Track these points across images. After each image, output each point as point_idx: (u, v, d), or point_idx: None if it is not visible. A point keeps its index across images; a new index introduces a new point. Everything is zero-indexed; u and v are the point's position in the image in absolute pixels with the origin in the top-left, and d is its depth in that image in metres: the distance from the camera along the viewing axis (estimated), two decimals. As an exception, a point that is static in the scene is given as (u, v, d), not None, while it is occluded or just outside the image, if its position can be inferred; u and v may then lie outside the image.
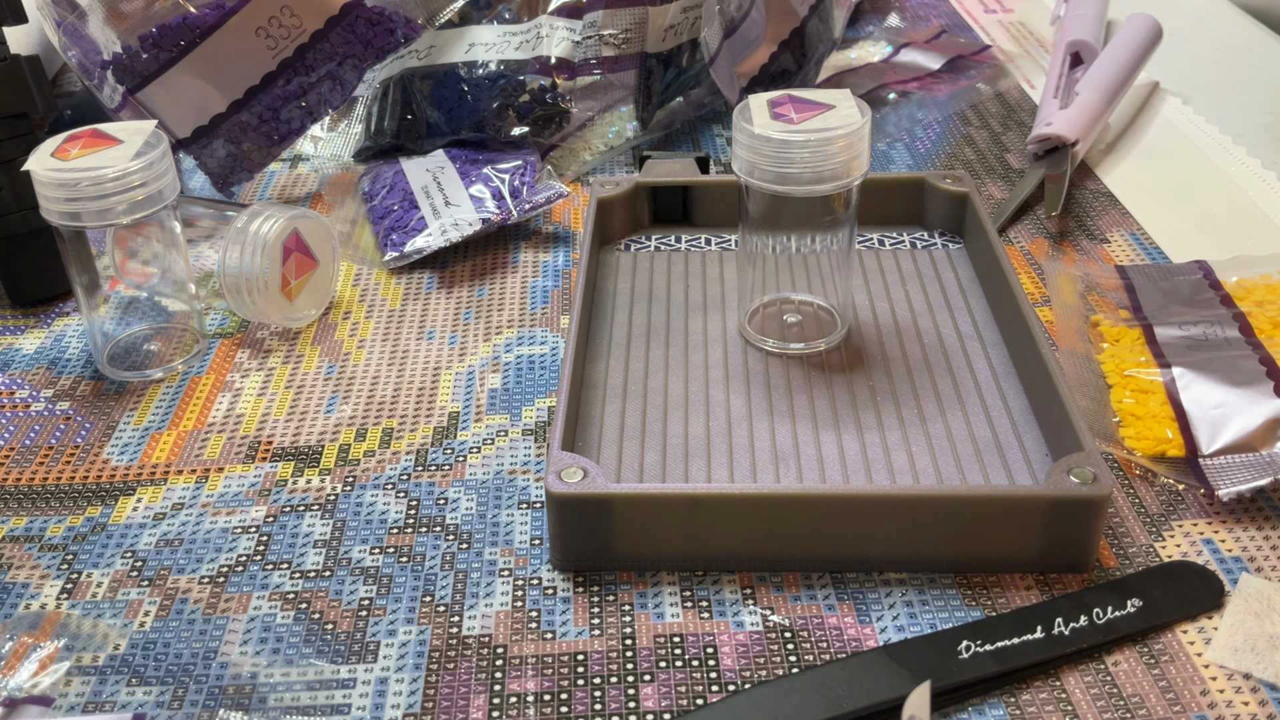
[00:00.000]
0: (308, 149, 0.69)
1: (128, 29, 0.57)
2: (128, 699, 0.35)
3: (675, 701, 0.35)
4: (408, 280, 0.56)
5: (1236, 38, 0.81)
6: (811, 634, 0.37)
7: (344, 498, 0.43)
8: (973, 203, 0.53)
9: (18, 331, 0.54)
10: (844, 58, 0.78)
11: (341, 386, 0.49)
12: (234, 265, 0.50)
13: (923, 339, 0.48)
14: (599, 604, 0.38)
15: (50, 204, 0.46)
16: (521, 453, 0.45)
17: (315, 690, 0.36)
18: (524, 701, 0.35)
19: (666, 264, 0.54)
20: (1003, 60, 0.78)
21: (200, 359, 0.51)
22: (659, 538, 0.38)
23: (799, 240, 0.47)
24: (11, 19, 0.53)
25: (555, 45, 0.63)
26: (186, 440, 0.46)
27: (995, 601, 0.38)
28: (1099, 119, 0.64)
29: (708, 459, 0.42)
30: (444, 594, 0.39)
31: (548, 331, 0.52)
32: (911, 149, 0.67)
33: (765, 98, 0.45)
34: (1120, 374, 0.46)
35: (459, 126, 0.63)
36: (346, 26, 0.59)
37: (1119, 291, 0.51)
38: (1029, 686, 0.35)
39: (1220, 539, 0.40)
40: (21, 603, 0.39)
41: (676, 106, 0.70)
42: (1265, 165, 0.63)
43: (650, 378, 0.46)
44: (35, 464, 0.45)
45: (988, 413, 0.44)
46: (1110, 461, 0.43)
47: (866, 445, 0.42)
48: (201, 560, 0.40)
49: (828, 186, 0.43)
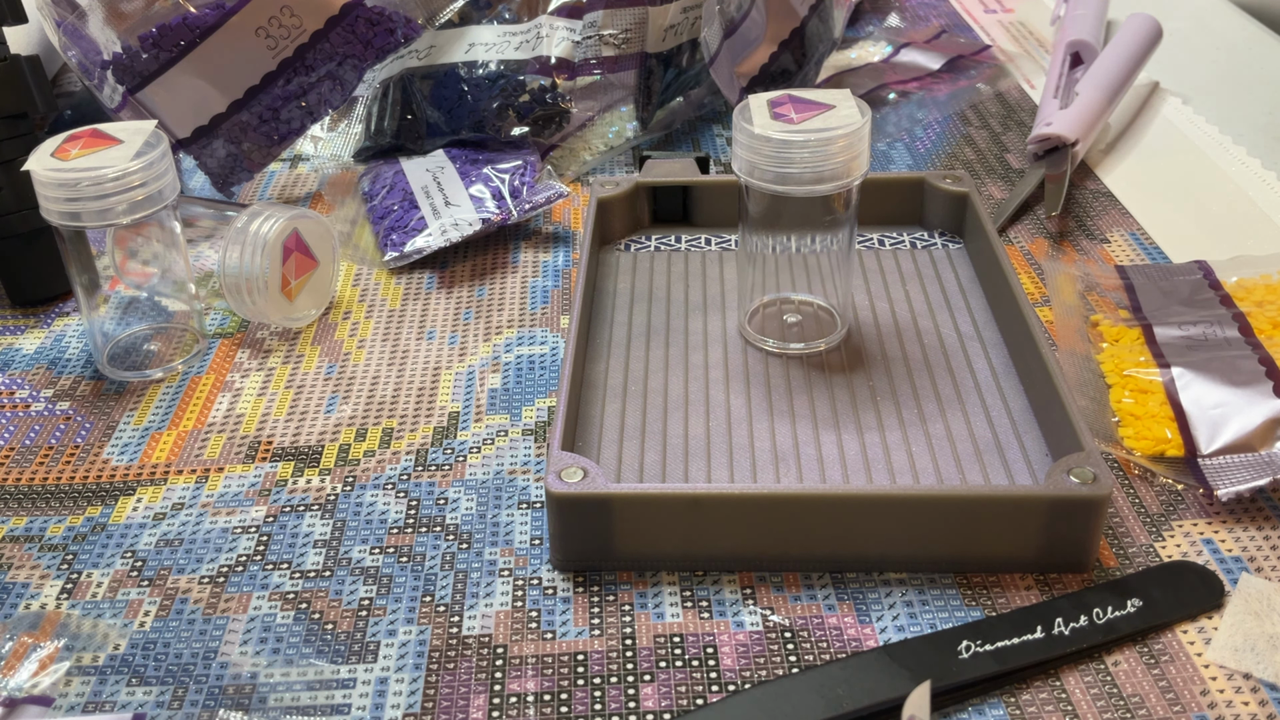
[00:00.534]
0: (308, 149, 0.69)
1: (128, 29, 0.57)
2: (128, 699, 0.35)
3: (675, 701, 0.35)
4: (408, 280, 0.56)
5: (1236, 38, 0.81)
6: (811, 634, 0.37)
7: (344, 498, 0.43)
8: (973, 203, 0.53)
9: (18, 331, 0.54)
10: (844, 58, 0.78)
11: (341, 386, 0.49)
12: (234, 265, 0.50)
13: (923, 339, 0.48)
14: (599, 604, 0.38)
15: (50, 204, 0.46)
16: (521, 453, 0.45)
17: (315, 690, 0.36)
18: (524, 701, 0.35)
19: (666, 264, 0.54)
20: (1003, 60, 0.78)
21: (200, 359, 0.51)
22: (659, 538, 0.39)
23: (799, 240, 0.47)
24: (11, 19, 0.53)
25: (555, 45, 0.63)
26: (186, 440, 0.46)
27: (995, 601, 0.38)
28: (1099, 119, 0.64)
29: (708, 459, 0.42)
30: (444, 594, 0.39)
31: (548, 331, 0.52)
32: (911, 149, 0.67)
33: (765, 98, 0.45)
34: (1119, 374, 0.46)
35: (459, 126, 0.63)
36: (346, 26, 0.59)
37: (1119, 291, 0.51)
38: (1029, 686, 0.35)
39: (1220, 539, 0.40)
40: (21, 603, 0.39)
41: (676, 106, 0.70)
42: (1265, 165, 0.63)
43: (650, 378, 0.46)
44: (35, 464, 0.45)
45: (988, 413, 0.44)
46: (1110, 461, 0.43)
47: (866, 445, 0.42)
48: (201, 560, 0.40)
49: (828, 186, 0.43)
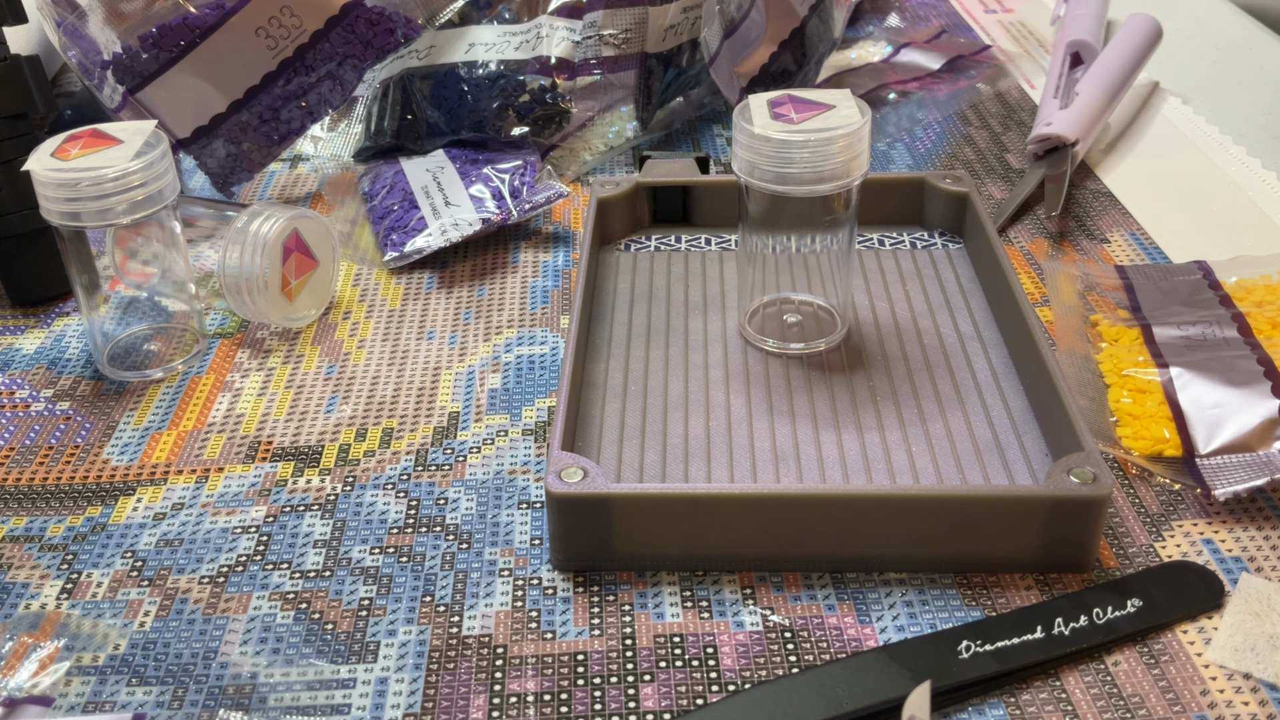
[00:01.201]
0: (308, 149, 0.69)
1: (128, 29, 0.57)
2: (128, 699, 0.35)
3: (675, 701, 0.35)
4: (408, 280, 0.56)
5: (1236, 38, 0.81)
6: (811, 634, 0.37)
7: (344, 498, 0.43)
8: (973, 203, 0.53)
9: (18, 331, 0.54)
10: (844, 58, 0.78)
11: (341, 386, 0.49)
12: (234, 265, 0.50)
13: (923, 339, 0.48)
14: (599, 604, 0.38)
15: (50, 204, 0.46)
16: (521, 453, 0.45)
17: (315, 690, 0.36)
18: (524, 701, 0.35)
19: (666, 264, 0.54)
20: (1003, 60, 0.78)
21: (200, 359, 0.51)
22: (659, 538, 0.39)
23: (799, 240, 0.47)
24: (11, 19, 0.53)
25: (555, 45, 0.63)
26: (186, 440, 0.46)
27: (995, 601, 0.38)
28: (1099, 119, 0.64)
29: (708, 459, 0.42)
30: (444, 594, 0.39)
31: (548, 331, 0.52)
32: (911, 149, 0.67)
33: (765, 98, 0.45)
34: (1118, 373, 0.46)
35: (459, 126, 0.63)
36: (346, 26, 0.59)
37: (1118, 291, 0.51)
38: (1029, 686, 0.35)
39: (1220, 539, 0.40)
40: (21, 603, 0.39)
41: (676, 106, 0.70)
42: (1265, 165, 0.63)
43: (650, 378, 0.46)
44: (35, 464, 0.45)
45: (988, 413, 0.44)
46: (1108, 461, 0.43)
47: (866, 445, 0.42)
48: (201, 560, 0.40)
49: (828, 186, 0.43)
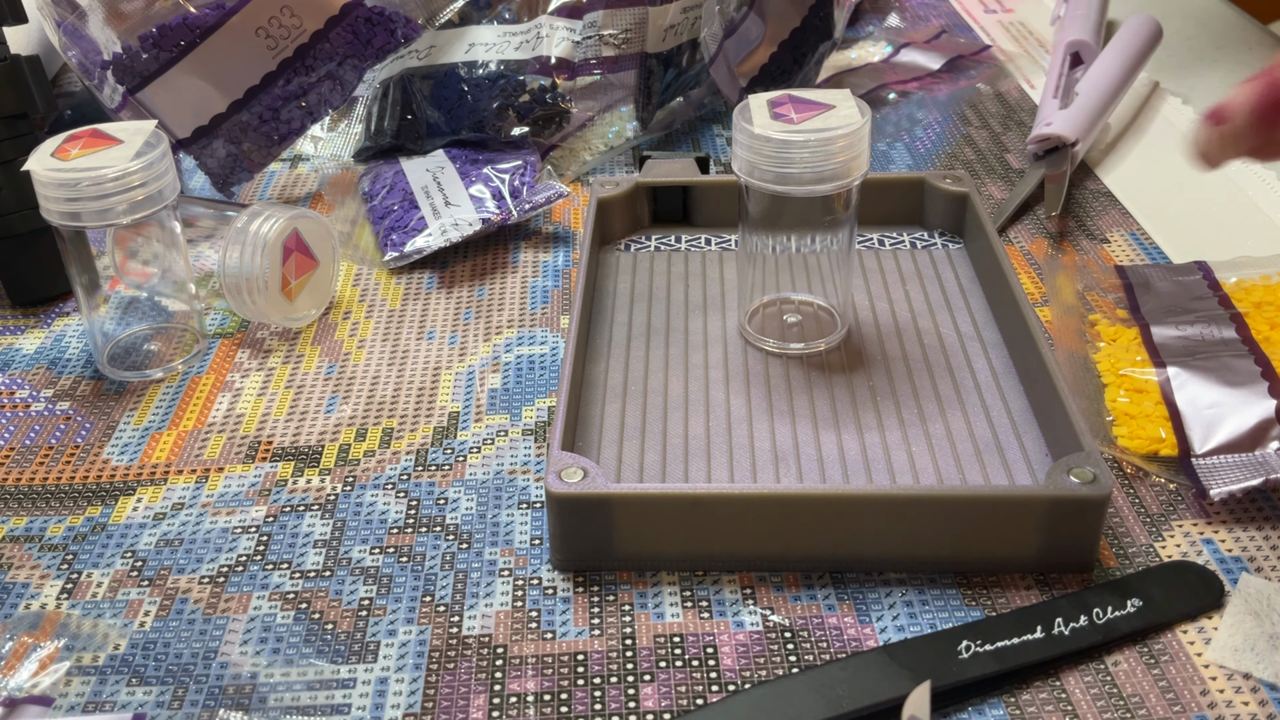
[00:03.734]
0: (308, 149, 0.69)
1: (128, 29, 0.57)
2: (128, 699, 0.35)
3: (675, 701, 0.35)
4: (408, 280, 0.56)
5: (1236, 38, 0.81)
6: (811, 634, 0.37)
7: (344, 498, 0.43)
8: (973, 203, 0.53)
9: (18, 331, 0.54)
10: (844, 58, 0.78)
11: (341, 386, 0.49)
12: (234, 265, 0.50)
13: (923, 339, 0.48)
14: (599, 604, 0.38)
15: (50, 204, 0.46)
16: (521, 453, 0.45)
17: (315, 690, 0.36)
18: (524, 701, 0.35)
19: (666, 264, 0.54)
20: (1003, 60, 0.78)
21: (200, 359, 0.51)
22: (659, 538, 0.39)
23: (799, 240, 0.47)
24: (11, 19, 0.53)
25: (555, 45, 0.63)
26: (186, 440, 0.46)
27: (995, 601, 0.38)
28: (1099, 119, 0.64)
29: (708, 459, 0.42)
30: (444, 594, 0.39)
31: (548, 331, 0.52)
32: (911, 149, 0.67)
33: (765, 98, 0.45)
34: (1115, 373, 0.46)
35: (459, 126, 0.63)
36: (346, 26, 0.59)
37: (1118, 291, 0.51)
38: (1029, 686, 0.35)
39: (1220, 539, 0.40)
40: (21, 603, 0.39)
41: (676, 106, 0.70)
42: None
43: (650, 378, 0.46)
44: (35, 464, 0.45)
45: (988, 413, 0.44)
46: (1106, 460, 0.43)
47: (866, 445, 0.42)
48: (201, 560, 0.40)
49: (828, 186, 0.43)
